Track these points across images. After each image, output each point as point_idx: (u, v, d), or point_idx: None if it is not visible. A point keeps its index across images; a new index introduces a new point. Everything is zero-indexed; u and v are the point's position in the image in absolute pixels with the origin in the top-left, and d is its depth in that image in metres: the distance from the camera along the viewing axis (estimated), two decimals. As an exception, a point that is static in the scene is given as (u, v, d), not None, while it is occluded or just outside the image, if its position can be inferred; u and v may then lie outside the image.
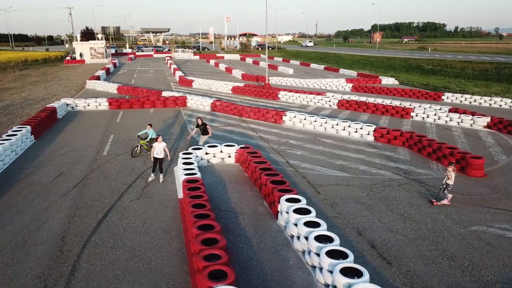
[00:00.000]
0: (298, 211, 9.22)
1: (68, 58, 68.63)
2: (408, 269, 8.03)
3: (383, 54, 77.34)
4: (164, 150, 12.43)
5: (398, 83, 38.66)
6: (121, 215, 10.27)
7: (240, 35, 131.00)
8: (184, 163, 12.52)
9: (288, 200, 9.75)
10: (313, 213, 9.16)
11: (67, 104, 24.11)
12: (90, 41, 72.27)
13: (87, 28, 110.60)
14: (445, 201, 11.07)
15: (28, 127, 16.98)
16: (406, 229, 9.69)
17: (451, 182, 10.95)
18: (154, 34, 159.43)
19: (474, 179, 13.15)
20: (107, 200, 11.19)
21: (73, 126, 20.32)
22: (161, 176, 12.67)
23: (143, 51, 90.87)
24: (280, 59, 71.22)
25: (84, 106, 24.62)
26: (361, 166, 14.32)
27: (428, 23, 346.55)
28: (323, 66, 55.54)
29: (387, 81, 38.72)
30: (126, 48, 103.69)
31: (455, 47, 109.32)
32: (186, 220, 9.27)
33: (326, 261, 7.28)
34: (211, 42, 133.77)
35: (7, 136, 15.36)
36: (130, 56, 75.77)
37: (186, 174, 11.52)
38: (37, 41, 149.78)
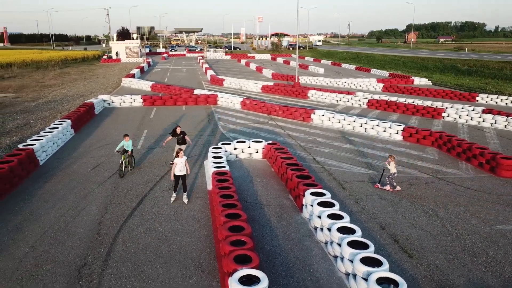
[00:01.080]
0: (322, 204, 9.50)
1: (104, 57, 71.10)
2: (429, 263, 8.17)
3: (416, 55, 75.75)
4: (185, 165, 10.90)
5: (431, 83, 37.97)
6: (154, 204, 10.87)
7: (272, 35, 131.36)
8: (214, 157, 13.03)
9: (312, 193, 10.03)
10: (337, 206, 9.41)
11: (104, 101, 25.22)
12: (126, 41, 74.58)
13: (123, 28, 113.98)
14: (387, 187, 11.89)
15: (69, 121, 18.00)
16: (430, 225, 9.78)
17: (392, 170, 11.68)
18: (187, 34, 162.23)
19: (504, 180, 12.98)
20: (140, 190, 11.84)
21: (109, 121, 21.30)
22: (184, 196, 11.06)
23: (176, 51, 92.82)
24: (311, 59, 71.11)
25: (120, 103, 25.68)
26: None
27: (466, 22, 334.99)
28: (355, 66, 55.13)
29: (420, 81, 38.10)
30: (160, 47, 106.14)
31: (494, 48, 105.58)
32: (215, 209, 9.74)
33: (348, 251, 7.54)
34: (242, 42, 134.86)
35: (49, 129, 16.36)
36: (164, 55, 77.65)
37: (215, 167, 12.01)
38: (76, 41, 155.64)
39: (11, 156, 12.60)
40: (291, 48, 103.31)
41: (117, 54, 68.78)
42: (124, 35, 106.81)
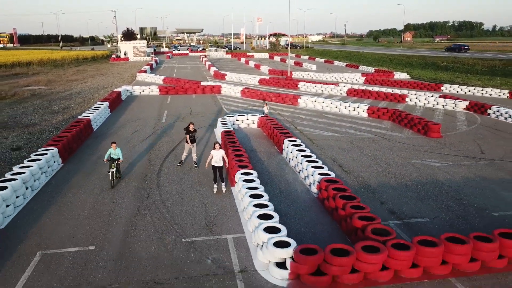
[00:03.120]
0: (294, 145, 14.52)
1: (113, 56, 76.18)
2: (358, 176, 13.19)
3: (404, 53, 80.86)
4: (223, 157, 11.63)
5: (409, 77, 42.90)
6: (182, 150, 15.91)
7: (270, 35, 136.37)
8: (222, 124, 18.06)
9: (289, 141, 15.05)
10: (303, 146, 14.43)
11: (127, 90, 30.26)
12: (133, 41, 79.74)
13: (128, 29, 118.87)
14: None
15: (107, 103, 23.05)
16: (366, 160, 14.80)
17: (266, 111, 20.35)
18: (188, 34, 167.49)
19: (431, 139, 18.00)
20: (171, 144, 16.90)
21: (135, 105, 26.35)
22: (222, 185, 11.79)
23: (179, 50, 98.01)
24: (307, 57, 76.09)
25: (140, 92, 30.72)
26: (350, 130, 19.45)
27: (464, 22, 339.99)
28: (345, 63, 60.15)
29: (400, 75, 43.05)
30: (163, 47, 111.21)
31: (486, 47, 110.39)
32: (227, 152, 14.75)
33: (305, 164, 12.56)
34: (242, 42, 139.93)
35: (94, 107, 21.40)
36: (168, 54, 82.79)
37: (223, 129, 17.02)
38: (81, 41, 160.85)
39: (77, 123, 17.64)
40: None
41: (125, 53, 73.90)
42: (129, 35, 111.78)
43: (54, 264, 8.03)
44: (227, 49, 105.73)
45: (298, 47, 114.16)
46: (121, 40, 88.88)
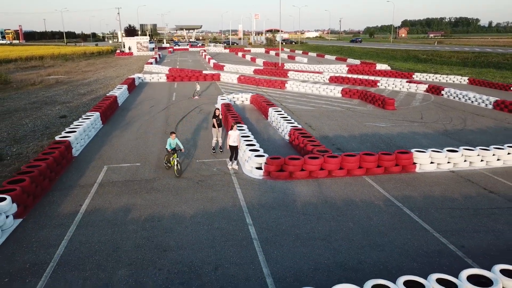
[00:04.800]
0: (275, 111, 19.35)
1: (118, 51, 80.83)
2: (320, 131, 18.03)
3: (390, 47, 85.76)
4: (237, 139, 12.90)
5: (390, 68, 47.70)
6: (191, 117, 20.75)
7: (267, 31, 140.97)
8: (222, 99, 22.89)
9: (274, 110, 19.87)
10: (282, 111, 19.26)
11: (139, 77, 35.04)
12: (136, 37, 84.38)
13: (129, 25, 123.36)
14: (195, 97, 21.67)
15: (125, 86, 27.85)
16: (330, 123, 19.65)
17: (197, 89, 23.25)
18: (187, 30, 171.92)
19: (387, 110, 22.84)
20: (182, 113, 21.74)
21: (147, 89, 31.15)
22: (234, 163, 13.02)
23: (179, 46, 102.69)
24: (301, 51, 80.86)
25: (150, 79, 35.52)
26: (324, 105, 24.31)
27: (461, 18, 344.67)
28: (335, 56, 64.93)
29: (381, 67, 47.85)
30: (164, 43, 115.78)
31: (476, 42, 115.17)
32: (226, 116, 19.57)
33: (283, 122, 17.38)
34: (240, 38, 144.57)
35: (116, 89, 26.20)
36: (170, 49, 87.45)
37: (223, 103, 21.83)
38: (83, 38, 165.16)
39: (107, 98, 22.43)
40: (284, 43, 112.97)
41: (129, 48, 78.54)
42: (131, 32, 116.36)
43: (117, 171, 12.86)
44: (225, 44, 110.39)
45: (293, 43, 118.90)
46: (123, 36, 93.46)
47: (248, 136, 14.92)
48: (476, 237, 8.80)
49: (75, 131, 15.02)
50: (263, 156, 12.69)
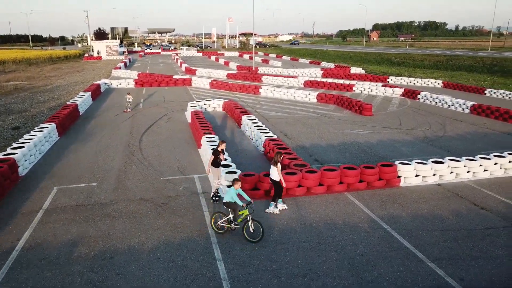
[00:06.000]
0: (249, 119, 18.12)
1: (86, 55, 77.90)
2: (298, 140, 16.91)
3: (363, 50, 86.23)
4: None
5: (364, 72, 47.36)
6: (158, 126, 19.26)
7: (240, 34, 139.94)
8: (191, 106, 21.49)
9: (247, 118, 18.63)
10: (257, 119, 18.05)
11: (105, 83, 33.14)
12: (106, 40, 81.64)
13: (99, 28, 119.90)
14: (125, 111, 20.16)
15: (89, 93, 26.02)
16: (306, 130, 18.58)
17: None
18: (160, 34, 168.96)
19: (364, 116, 21.99)
20: (149, 122, 20.21)
21: (114, 95, 29.36)
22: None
23: (151, 49, 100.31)
24: (275, 55, 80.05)
25: (117, 85, 33.68)
26: (299, 111, 23.26)
27: (429, 22, 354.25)
28: (309, 60, 64.40)
29: (355, 70, 47.47)
30: (135, 47, 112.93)
31: (445, 45, 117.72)
32: (196, 125, 18.20)
33: (257, 132, 16.17)
34: (213, 42, 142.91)
35: (78, 96, 24.37)
36: (141, 53, 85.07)
37: (192, 110, 20.45)
38: (51, 41, 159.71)
39: (66, 107, 20.66)
40: (258, 47, 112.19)
41: (98, 52, 75.80)
42: (100, 35, 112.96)
43: (68, 193, 11.31)
44: (198, 48, 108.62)
45: (267, 46, 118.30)
46: (92, 40, 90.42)
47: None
48: (474, 265, 7.80)
49: (23, 147, 13.34)
50: (235, 172, 11.44)
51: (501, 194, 11.36)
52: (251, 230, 8.58)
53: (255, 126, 16.91)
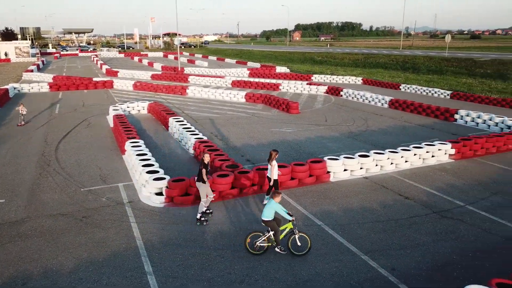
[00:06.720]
0: (179, 121, 17.46)
1: (-9, 57, 70.69)
2: (228, 141, 16.62)
3: (288, 50, 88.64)
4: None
5: (289, 71, 48.43)
6: (77, 133, 17.84)
7: (164, 34, 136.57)
8: (114, 110, 20.23)
9: (175, 120, 17.93)
10: (185, 121, 17.45)
11: (14, 88, 30.18)
12: (15, 41, 74.83)
13: (6, 28, 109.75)
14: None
15: (-5, 98, 23.44)
16: (236, 130, 18.35)
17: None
18: (77, 34, 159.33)
19: (292, 115, 22.31)
20: (67, 129, 18.65)
21: (25, 101, 26.71)
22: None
23: (67, 51, 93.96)
24: (200, 55, 79.15)
25: (29, 89, 30.84)
26: (228, 112, 23.00)
27: (347, 22, 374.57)
28: (235, 60, 64.52)
29: (281, 69, 48.37)
30: (49, 48, 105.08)
31: (362, 44, 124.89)
32: (119, 130, 17.09)
33: (187, 134, 15.59)
34: (136, 42, 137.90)
35: (-18, 102, 21.84)
36: (56, 55, 79.26)
37: (114, 114, 19.25)
38: None
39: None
40: (183, 47, 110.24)
41: (6, 54, 69.22)
42: (8, 35, 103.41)
43: (-29, 211, 9.91)
44: (120, 49, 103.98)
45: (193, 46, 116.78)
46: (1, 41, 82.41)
47: (146, 154, 12.87)
48: (404, 255, 8.07)
49: None
50: (164, 178, 10.83)
51: (422, 183, 12.03)
52: (298, 244, 7.92)
53: (183, 128, 16.32)
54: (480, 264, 7.75)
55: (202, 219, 9.37)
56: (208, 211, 9.80)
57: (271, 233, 7.93)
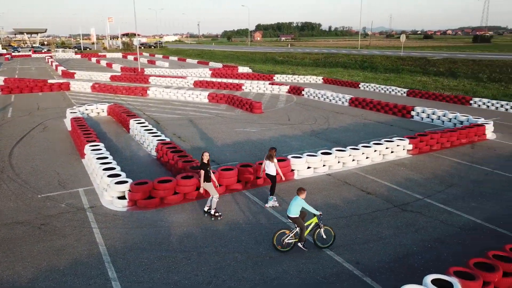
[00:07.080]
0: (140, 123, 17.09)
1: None
2: (192, 142, 16.46)
3: (249, 50, 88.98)
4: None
5: (251, 71, 48.57)
6: (32, 137, 17.07)
7: (123, 35, 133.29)
8: (71, 113, 19.51)
9: (136, 122, 17.53)
10: (146, 123, 17.11)
11: (-39, 91, 28.47)
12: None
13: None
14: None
15: None
16: (200, 131, 18.21)
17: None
18: (30, 35, 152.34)
19: (255, 114, 22.40)
20: (21, 133, 17.80)
21: (-27, 105, 25.36)
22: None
23: (19, 52, 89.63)
24: (161, 56, 77.88)
25: (-23, 93, 29.16)
26: (191, 112, 22.78)
27: (306, 23, 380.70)
28: (197, 60, 63.99)
29: (243, 69, 48.42)
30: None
31: (322, 44, 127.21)
32: (77, 133, 16.51)
33: (146, 134, 15.29)
34: (93, 43, 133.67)
35: None
36: (7, 56, 75.43)
37: (72, 117, 18.57)
38: None
39: None
40: (142, 47, 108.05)
41: (-50, 55, 65.14)
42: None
43: None
44: (76, 49, 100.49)
45: (153, 47, 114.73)
46: None
47: (106, 157, 12.51)
48: (367, 248, 8.30)
49: None
50: (126, 181, 10.57)
51: (382, 178, 12.43)
52: (324, 237, 8.26)
53: (145, 129, 16.00)
54: (438, 254, 8.11)
55: (217, 214, 9.64)
56: (207, 210, 9.86)
57: (297, 229, 8.07)
